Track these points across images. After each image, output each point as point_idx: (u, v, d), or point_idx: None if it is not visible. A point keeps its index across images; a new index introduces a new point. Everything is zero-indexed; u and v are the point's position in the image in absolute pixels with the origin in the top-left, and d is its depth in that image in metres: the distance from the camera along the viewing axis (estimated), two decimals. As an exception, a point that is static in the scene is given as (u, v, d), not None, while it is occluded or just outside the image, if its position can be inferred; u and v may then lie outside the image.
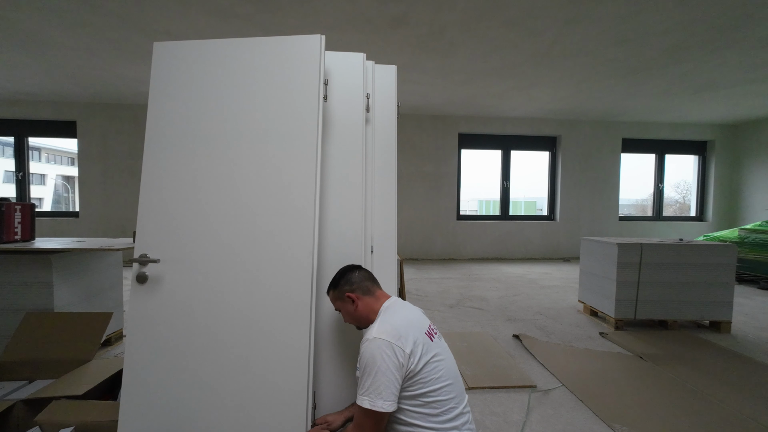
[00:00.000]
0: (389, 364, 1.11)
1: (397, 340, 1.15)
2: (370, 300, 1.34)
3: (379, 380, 1.10)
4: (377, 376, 1.10)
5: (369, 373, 1.12)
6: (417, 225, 6.70)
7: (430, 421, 1.16)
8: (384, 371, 1.11)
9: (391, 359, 1.12)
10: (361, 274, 1.39)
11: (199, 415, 1.36)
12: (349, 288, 1.36)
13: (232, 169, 1.45)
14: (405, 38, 3.61)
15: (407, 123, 6.53)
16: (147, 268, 1.43)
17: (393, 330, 1.18)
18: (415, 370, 1.15)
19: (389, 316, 1.26)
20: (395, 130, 1.77)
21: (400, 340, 1.16)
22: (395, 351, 1.14)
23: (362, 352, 1.17)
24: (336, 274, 1.42)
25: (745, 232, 5.17)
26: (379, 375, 1.10)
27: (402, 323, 1.22)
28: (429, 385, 1.17)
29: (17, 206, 2.55)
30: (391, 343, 1.14)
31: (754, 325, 3.30)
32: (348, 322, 1.41)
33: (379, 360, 1.11)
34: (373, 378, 1.11)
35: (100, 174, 6.04)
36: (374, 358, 1.12)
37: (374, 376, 1.11)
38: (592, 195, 7.05)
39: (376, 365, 1.11)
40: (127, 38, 3.61)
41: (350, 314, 1.36)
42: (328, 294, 1.42)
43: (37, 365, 1.89)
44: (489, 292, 4.41)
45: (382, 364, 1.11)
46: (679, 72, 4.40)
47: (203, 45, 1.51)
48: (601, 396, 2.05)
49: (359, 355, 1.19)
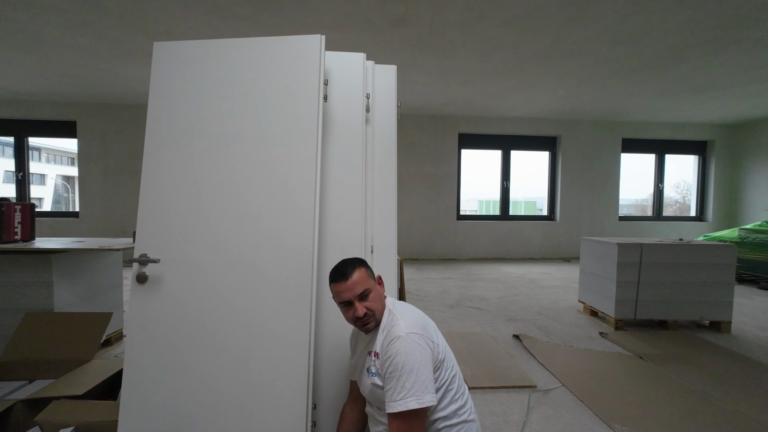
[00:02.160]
0: (426, 357, 1.10)
1: (425, 332, 1.15)
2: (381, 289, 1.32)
3: (422, 375, 1.07)
4: (420, 372, 1.07)
5: (410, 371, 1.06)
6: (417, 225, 6.70)
7: (449, 409, 1.17)
8: (425, 364, 1.09)
9: (426, 351, 1.11)
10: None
11: (199, 414, 1.36)
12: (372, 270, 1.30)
13: (232, 168, 1.45)
14: (405, 38, 3.61)
15: (407, 123, 6.53)
16: (147, 268, 1.42)
17: (418, 323, 1.17)
18: (440, 359, 1.17)
19: (405, 313, 1.24)
20: (395, 130, 1.77)
21: (427, 332, 1.16)
22: (427, 343, 1.13)
23: (396, 351, 1.09)
24: (352, 258, 1.30)
25: (745, 232, 5.17)
26: (422, 369, 1.08)
27: (419, 316, 1.22)
28: (449, 373, 1.19)
29: (17, 206, 2.55)
30: (423, 335, 1.13)
31: (754, 325, 3.30)
32: (367, 310, 1.21)
33: (418, 355, 1.08)
34: (416, 375, 1.06)
35: (100, 174, 6.04)
36: (413, 354, 1.08)
37: (417, 373, 1.07)
38: (592, 195, 7.05)
39: (417, 361, 1.07)
40: (127, 38, 3.61)
41: (379, 295, 1.26)
42: (352, 271, 1.23)
43: (37, 365, 1.89)
44: (489, 292, 4.42)
45: (421, 357, 1.08)
46: (679, 72, 4.40)
47: (203, 45, 1.51)
48: (601, 396, 2.05)
49: (387, 357, 1.12)
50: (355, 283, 1.20)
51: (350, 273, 1.22)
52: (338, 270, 1.24)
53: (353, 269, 1.23)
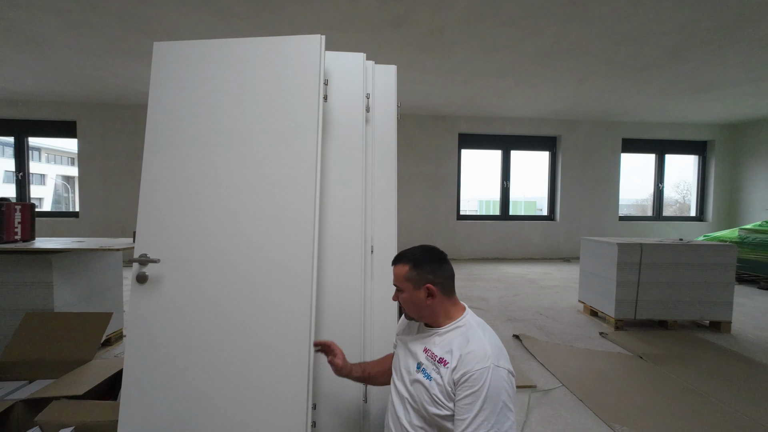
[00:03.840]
0: (512, 397, 1.02)
1: (512, 369, 1.05)
2: (447, 302, 1.17)
3: (505, 416, 0.98)
4: (503, 414, 0.98)
5: (494, 410, 0.98)
6: (417, 225, 6.70)
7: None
8: (510, 407, 1.01)
9: (513, 391, 1.02)
10: (449, 270, 1.20)
11: (199, 414, 1.36)
12: (433, 279, 1.15)
13: (232, 168, 1.45)
14: (405, 38, 3.61)
15: (407, 123, 6.53)
16: (147, 268, 1.42)
17: (506, 356, 1.06)
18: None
19: (492, 335, 1.11)
20: (395, 130, 1.76)
21: (513, 369, 1.06)
22: (514, 384, 1.04)
23: (482, 377, 0.99)
24: (419, 249, 1.20)
25: (745, 232, 5.17)
26: (506, 412, 0.99)
27: (502, 346, 1.10)
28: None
29: (17, 206, 2.55)
30: (513, 375, 1.04)
31: (754, 325, 3.30)
32: (399, 303, 1.21)
33: (504, 395, 1.00)
34: (498, 416, 0.97)
35: (100, 174, 6.04)
36: (501, 391, 0.99)
37: (499, 414, 0.98)
38: (592, 195, 7.05)
39: (501, 401, 0.98)
40: (127, 38, 3.61)
41: (415, 303, 1.16)
42: (396, 264, 1.19)
43: (37, 365, 1.89)
44: (489, 292, 4.41)
45: (507, 399, 1.00)
46: (679, 72, 4.40)
47: (203, 45, 1.51)
48: (601, 396, 2.05)
49: (467, 373, 1.01)
50: (394, 275, 1.20)
51: (395, 263, 1.21)
52: (397, 254, 1.23)
53: (397, 262, 1.20)
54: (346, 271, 1.59)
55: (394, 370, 1.26)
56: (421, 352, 1.16)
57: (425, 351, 1.15)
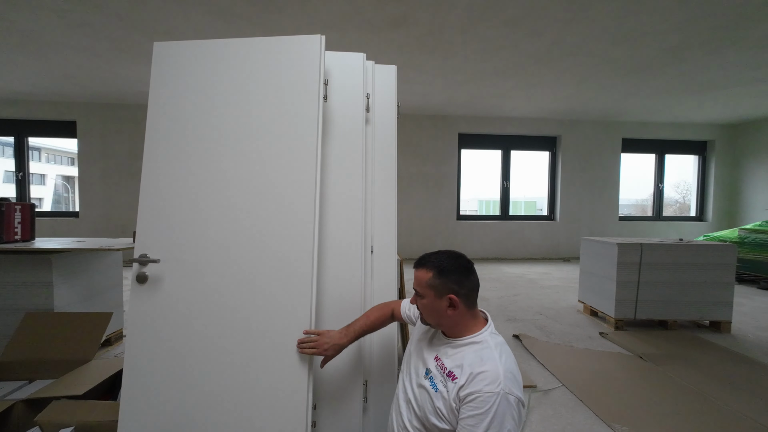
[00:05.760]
0: (518, 427, 1.00)
1: (523, 398, 1.03)
2: (468, 315, 1.12)
3: None
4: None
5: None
6: (417, 225, 6.70)
7: None
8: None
9: (520, 421, 1.00)
10: (475, 281, 1.14)
11: (199, 414, 1.36)
12: (458, 289, 1.10)
13: (232, 168, 1.45)
14: (405, 38, 3.61)
15: (407, 123, 6.53)
16: (147, 268, 1.42)
17: (520, 383, 1.03)
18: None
19: (509, 359, 1.06)
20: (395, 130, 1.76)
21: (524, 397, 1.03)
22: (522, 414, 1.02)
23: (489, 401, 0.97)
24: (445, 255, 1.15)
25: (745, 232, 5.17)
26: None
27: (518, 372, 1.07)
28: None
29: (17, 206, 2.55)
30: (522, 403, 1.01)
31: (754, 325, 3.30)
32: (416, 307, 1.18)
33: (510, 424, 0.98)
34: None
35: (100, 174, 6.04)
36: (506, 420, 0.97)
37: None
38: (592, 195, 7.05)
39: (506, 429, 0.97)
40: (127, 38, 3.61)
41: (435, 311, 1.12)
42: (419, 268, 1.15)
43: (37, 365, 1.89)
44: (489, 292, 4.41)
45: (513, 428, 0.98)
46: (679, 72, 4.40)
47: (203, 45, 1.51)
48: (601, 396, 2.05)
49: (474, 393, 0.99)
50: (416, 278, 1.16)
51: (418, 266, 1.16)
52: (421, 257, 1.19)
53: (421, 267, 1.15)
54: (347, 271, 1.59)
55: (404, 364, 1.26)
56: (432, 359, 1.14)
57: (436, 359, 1.13)
